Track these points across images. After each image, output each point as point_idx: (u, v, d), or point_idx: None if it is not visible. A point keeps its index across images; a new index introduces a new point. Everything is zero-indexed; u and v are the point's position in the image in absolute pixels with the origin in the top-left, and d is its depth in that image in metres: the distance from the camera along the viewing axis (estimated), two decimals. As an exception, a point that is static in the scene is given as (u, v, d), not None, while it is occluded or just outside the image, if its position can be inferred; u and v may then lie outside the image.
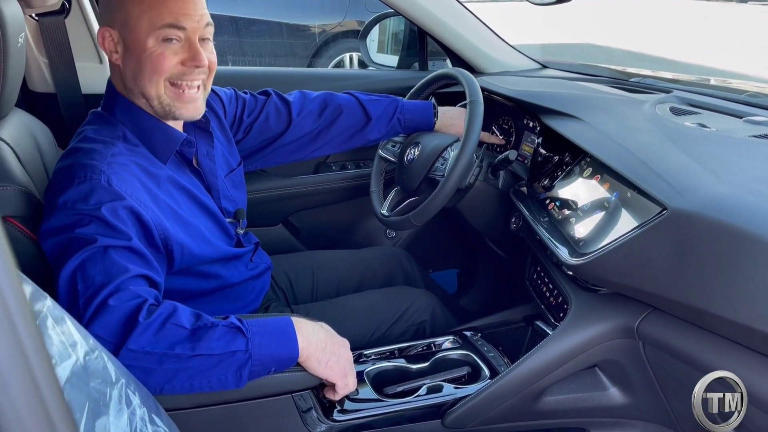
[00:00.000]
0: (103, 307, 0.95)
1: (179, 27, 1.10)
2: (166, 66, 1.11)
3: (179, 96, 1.15)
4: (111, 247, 1.00)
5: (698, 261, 0.95)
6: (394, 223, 1.56)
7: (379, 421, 1.17)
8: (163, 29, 1.09)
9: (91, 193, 1.02)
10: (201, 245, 1.19)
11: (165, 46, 1.11)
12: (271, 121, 1.54)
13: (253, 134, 1.53)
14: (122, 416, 0.80)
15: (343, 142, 1.62)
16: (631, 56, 6.52)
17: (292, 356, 1.05)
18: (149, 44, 1.10)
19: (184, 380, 0.98)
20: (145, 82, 1.13)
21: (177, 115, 1.16)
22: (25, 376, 0.40)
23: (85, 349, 0.79)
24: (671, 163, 1.08)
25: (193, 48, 1.12)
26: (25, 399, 0.40)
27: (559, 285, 1.29)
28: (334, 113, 1.58)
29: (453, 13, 1.88)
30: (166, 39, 1.10)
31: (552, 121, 1.45)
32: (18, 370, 0.40)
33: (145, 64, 1.11)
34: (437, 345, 1.35)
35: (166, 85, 1.13)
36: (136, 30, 1.10)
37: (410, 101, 1.66)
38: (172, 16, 1.09)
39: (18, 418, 0.39)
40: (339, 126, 1.59)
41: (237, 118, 1.50)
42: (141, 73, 1.12)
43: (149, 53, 1.10)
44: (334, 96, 1.60)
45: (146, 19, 1.09)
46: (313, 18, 5.37)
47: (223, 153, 1.39)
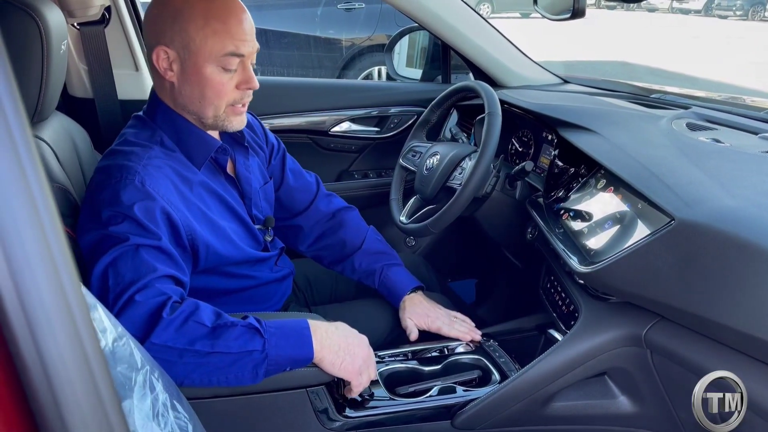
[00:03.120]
0: (130, 302, 1.02)
1: (239, 54, 1.16)
2: (227, 92, 1.18)
3: (235, 112, 1.22)
4: (141, 246, 1.06)
5: (704, 271, 0.97)
6: (411, 230, 1.60)
7: (391, 420, 1.21)
8: (226, 57, 1.15)
9: (126, 192, 1.09)
10: (227, 246, 1.25)
11: (224, 75, 1.16)
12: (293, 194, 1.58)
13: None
14: (146, 400, 0.85)
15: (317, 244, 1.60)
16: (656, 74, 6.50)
17: (307, 357, 1.10)
18: (208, 70, 1.15)
19: (203, 375, 1.04)
20: (205, 105, 1.19)
21: (228, 127, 1.23)
22: (78, 353, 0.46)
23: (114, 336, 0.85)
24: (681, 176, 1.11)
25: (247, 72, 1.19)
26: (78, 375, 0.46)
27: (570, 294, 1.32)
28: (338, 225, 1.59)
29: (476, 27, 1.92)
30: (226, 68, 1.16)
31: (568, 133, 1.48)
32: (73, 348, 0.45)
33: (206, 89, 1.17)
34: (450, 349, 1.39)
35: (225, 107, 1.20)
36: (197, 55, 1.14)
37: (403, 269, 1.54)
38: (233, 44, 1.14)
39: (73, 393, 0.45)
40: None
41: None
42: (201, 97, 1.18)
43: (208, 79, 1.16)
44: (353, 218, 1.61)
45: (209, 46, 1.13)
46: (344, 32, 5.48)
47: (260, 166, 1.45)
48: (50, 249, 0.43)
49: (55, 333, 0.43)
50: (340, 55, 5.44)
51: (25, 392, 0.44)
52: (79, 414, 0.45)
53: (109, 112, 1.77)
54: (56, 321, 0.43)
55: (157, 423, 0.85)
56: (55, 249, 0.43)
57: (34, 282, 0.42)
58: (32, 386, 0.43)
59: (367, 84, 3.30)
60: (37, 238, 0.42)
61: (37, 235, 0.42)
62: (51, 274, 0.43)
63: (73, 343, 0.44)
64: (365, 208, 2.11)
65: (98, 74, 1.76)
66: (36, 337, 0.42)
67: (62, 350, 0.44)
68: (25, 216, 0.41)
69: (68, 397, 0.44)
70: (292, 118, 2.06)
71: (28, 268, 0.42)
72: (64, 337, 0.44)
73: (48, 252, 0.43)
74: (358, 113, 2.13)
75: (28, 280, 0.42)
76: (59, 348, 0.43)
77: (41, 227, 0.42)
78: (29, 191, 0.41)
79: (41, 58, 1.16)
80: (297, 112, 2.07)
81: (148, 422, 0.83)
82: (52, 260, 0.43)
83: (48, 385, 0.43)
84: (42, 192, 0.42)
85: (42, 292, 0.42)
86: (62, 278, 0.44)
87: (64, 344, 0.44)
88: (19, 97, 0.40)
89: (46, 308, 0.43)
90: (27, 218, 0.41)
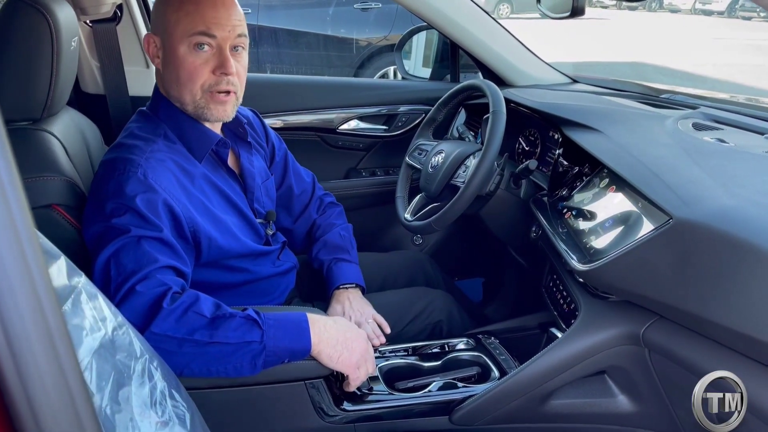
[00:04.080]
0: (131, 292, 1.04)
1: (210, 35, 1.17)
2: (200, 75, 1.19)
3: (214, 99, 1.22)
4: (143, 238, 1.08)
5: (701, 270, 0.97)
6: (416, 227, 1.60)
7: (389, 414, 1.22)
8: (195, 36, 1.17)
9: (128, 185, 1.11)
10: (228, 239, 1.27)
11: (196, 54, 1.18)
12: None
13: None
14: (144, 388, 0.87)
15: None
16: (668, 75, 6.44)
17: (304, 349, 1.11)
18: (181, 51, 1.18)
19: (202, 364, 1.06)
20: (181, 89, 1.21)
21: (209, 116, 1.24)
22: (49, 355, 0.47)
23: (114, 325, 0.86)
24: (682, 175, 1.10)
25: (222, 56, 1.19)
26: (51, 377, 0.47)
27: (571, 292, 1.32)
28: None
29: (485, 27, 1.92)
30: (197, 44, 1.17)
31: (572, 132, 1.48)
32: (43, 348, 0.47)
33: (180, 71, 1.19)
34: (451, 346, 1.39)
35: (201, 92, 1.21)
36: (172, 36, 1.18)
37: (351, 266, 1.54)
38: (205, 23, 1.16)
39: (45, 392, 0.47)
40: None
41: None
42: (177, 79, 1.21)
43: (181, 60, 1.18)
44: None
45: (182, 26, 1.17)
46: (361, 32, 5.51)
47: (261, 162, 1.47)
48: (22, 245, 0.44)
49: (29, 334, 0.45)
50: (356, 54, 5.47)
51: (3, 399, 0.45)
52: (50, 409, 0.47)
53: (120, 108, 1.80)
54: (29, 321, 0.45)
55: (155, 411, 0.87)
56: (25, 245, 0.44)
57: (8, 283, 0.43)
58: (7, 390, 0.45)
59: (375, 82, 3.31)
60: (6, 230, 0.43)
61: (8, 234, 0.43)
62: (24, 276, 0.44)
63: (45, 345, 0.46)
64: (372, 205, 2.13)
65: (110, 71, 1.79)
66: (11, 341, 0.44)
67: (35, 352, 0.45)
68: None
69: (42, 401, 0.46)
70: (301, 116, 2.08)
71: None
72: (35, 336, 0.45)
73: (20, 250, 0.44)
74: (366, 111, 2.14)
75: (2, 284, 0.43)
76: (32, 350, 0.45)
77: (10, 214, 0.43)
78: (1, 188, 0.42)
79: (51, 54, 1.19)
80: (305, 110, 2.08)
81: (145, 410, 0.85)
82: (24, 260, 0.44)
83: (23, 388, 0.45)
84: (14, 189, 0.43)
85: (16, 294, 0.44)
86: (35, 278, 0.45)
87: (36, 346, 0.45)
88: None
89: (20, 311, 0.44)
90: None
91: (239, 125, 1.37)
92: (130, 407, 0.82)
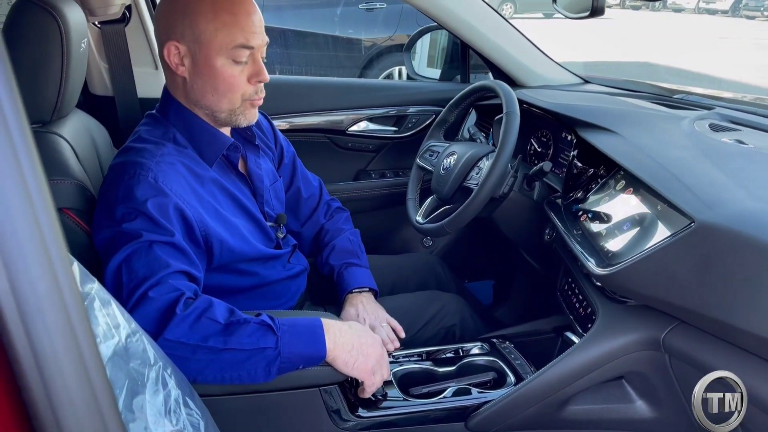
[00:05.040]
0: (144, 298, 1.02)
1: (249, 47, 1.17)
2: (239, 85, 1.19)
3: (251, 104, 1.23)
4: (155, 243, 1.07)
5: (724, 274, 0.95)
6: (428, 230, 1.59)
7: (404, 420, 1.20)
8: (236, 49, 1.16)
9: (139, 189, 1.09)
10: (240, 243, 1.25)
11: (235, 68, 1.17)
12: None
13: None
14: (158, 396, 0.85)
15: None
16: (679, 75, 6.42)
17: (319, 356, 1.09)
18: (219, 63, 1.16)
19: (216, 371, 1.04)
20: (219, 98, 1.20)
21: (241, 122, 1.24)
22: (74, 355, 0.46)
23: (128, 332, 0.85)
24: (702, 178, 1.09)
25: (257, 65, 1.20)
26: (74, 377, 0.46)
27: (588, 296, 1.30)
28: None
29: (495, 26, 1.91)
30: (237, 60, 1.16)
31: (587, 134, 1.46)
32: (69, 349, 0.45)
33: (218, 82, 1.18)
34: (465, 350, 1.38)
35: (240, 101, 1.21)
36: (209, 47, 1.15)
37: (362, 270, 1.52)
38: (243, 35, 1.15)
39: (68, 394, 0.45)
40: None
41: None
42: (214, 90, 1.19)
43: (219, 72, 1.17)
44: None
45: (220, 37, 1.14)
46: (365, 32, 5.51)
47: (269, 165, 1.46)
48: (48, 252, 0.42)
49: (51, 335, 0.43)
50: (361, 54, 5.46)
51: (23, 397, 0.44)
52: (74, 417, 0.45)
53: (128, 110, 1.79)
54: (52, 323, 0.43)
55: (169, 419, 0.86)
56: (52, 250, 0.43)
57: (31, 285, 0.42)
58: (29, 389, 0.43)
59: (385, 83, 3.30)
60: (34, 240, 0.42)
61: (35, 237, 0.42)
62: (48, 276, 0.43)
63: (68, 344, 0.44)
64: (382, 207, 2.11)
65: (118, 72, 1.78)
66: (32, 340, 0.42)
67: (58, 352, 0.44)
68: (21, 212, 0.41)
69: (64, 401, 0.44)
70: (310, 117, 2.06)
71: (26, 271, 0.41)
72: (60, 339, 0.44)
73: (46, 255, 0.42)
74: (375, 113, 2.12)
75: (25, 284, 0.41)
76: (55, 350, 0.43)
77: (37, 223, 0.42)
78: (27, 191, 0.41)
79: (61, 56, 1.17)
80: (315, 111, 2.07)
81: (160, 418, 0.84)
82: (50, 263, 0.43)
83: (44, 389, 0.43)
84: (40, 192, 0.42)
85: (39, 296, 0.42)
86: (60, 280, 0.44)
87: (59, 346, 0.44)
88: (19, 98, 0.40)
89: (42, 311, 0.43)
90: (23, 214, 0.41)
91: (248, 128, 1.36)
92: (144, 416, 0.80)
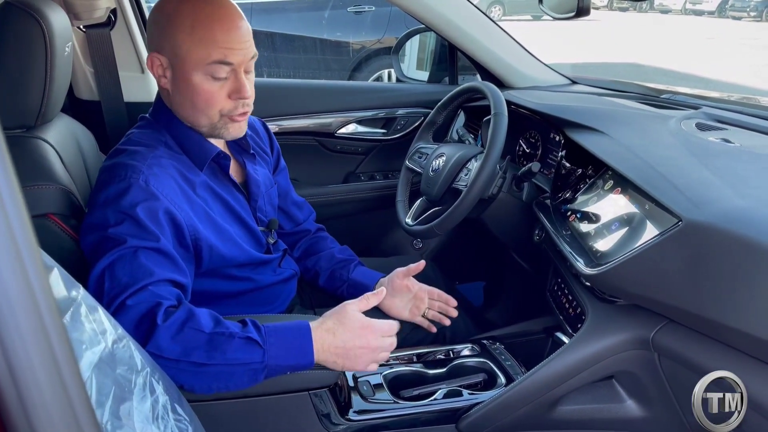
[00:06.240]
0: (122, 307, 1.00)
1: (227, 63, 1.13)
2: (217, 101, 1.16)
3: (232, 120, 1.20)
4: (140, 249, 1.05)
5: (712, 272, 0.95)
6: (417, 231, 1.59)
7: (395, 423, 1.20)
8: (212, 65, 1.12)
9: (129, 191, 1.08)
10: (230, 248, 1.24)
11: (212, 83, 1.14)
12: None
13: None
14: (146, 403, 0.84)
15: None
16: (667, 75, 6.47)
17: (308, 364, 1.07)
18: (196, 79, 1.13)
19: (202, 382, 1.01)
20: (197, 113, 1.18)
21: (225, 136, 1.22)
22: (48, 361, 0.45)
23: (114, 338, 0.84)
24: (690, 177, 1.09)
25: (238, 81, 1.15)
26: (49, 384, 0.45)
27: (577, 296, 1.30)
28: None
29: (483, 28, 1.91)
30: (215, 76, 1.14)
31: (575, 134, 1.47)
32: (43, 355, 0.44)
33: (195, 98, 1.15)
34: (455, 352, 1.38)
35: (218, 116, 1.18)
36: (185, 62, 1.13)
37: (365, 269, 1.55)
38: (221, 51, 1.12)
39: (42, 401, 0.44)
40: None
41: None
42: (192, 105, 1.17)
43: (196, 87, 1.14)
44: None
45: (195, 54, 1.12)
46: (354, 35, 5.51)
47: (266, 170, 1.45)
48: (21, 257, 0.42)
49: (25, 341, 0.42)
50: (350, 57, 5.46)
51: None
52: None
53: (115, 115, 1.78)
54: (25, 329, 0.42)
55: (157, 426, 0.85)
56: (25, 255, 0.42)
57: (3, 291, 0.41)
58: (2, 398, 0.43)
59: (373, 85, 3.30)
60: (5, 246, 0.41)
61: (6, 242, 0.41)
62: (21, 282, 0.42)
63: (43, 351, 0.43)
64: (372, 210, 2.11)
65: (104, 77, 1.77)
66: (5, 347, 0.42)
67: (32, 359, 0.43)
68: None
69: (38, 408, 0.44)
70: (298, 120, 2.06)
71: None
72: (34, 346, 0.43)
73: (18, 260, 0.41)
74: (364, 115, 2.12)
75: None
76: (29, 357, 0.42)
77: (9, 226, 0.41)
78: None
79: (45, 60, 1.16)
80: (303, 114, 2.06)
81: (147, 425, 0.83)
82: (23, 268, 0.42)
83: (18, 397, 0.43)
84: (12, 197, 0.41)
85: (12, 301, 0.41)
86: (33, 285, 0.43)
87: (33, 353, 0.43)
88: None
89: (15, 316, 0.42)
90: None
91: (243, 137, 1.34)
92: (131, 422, 0.79)
